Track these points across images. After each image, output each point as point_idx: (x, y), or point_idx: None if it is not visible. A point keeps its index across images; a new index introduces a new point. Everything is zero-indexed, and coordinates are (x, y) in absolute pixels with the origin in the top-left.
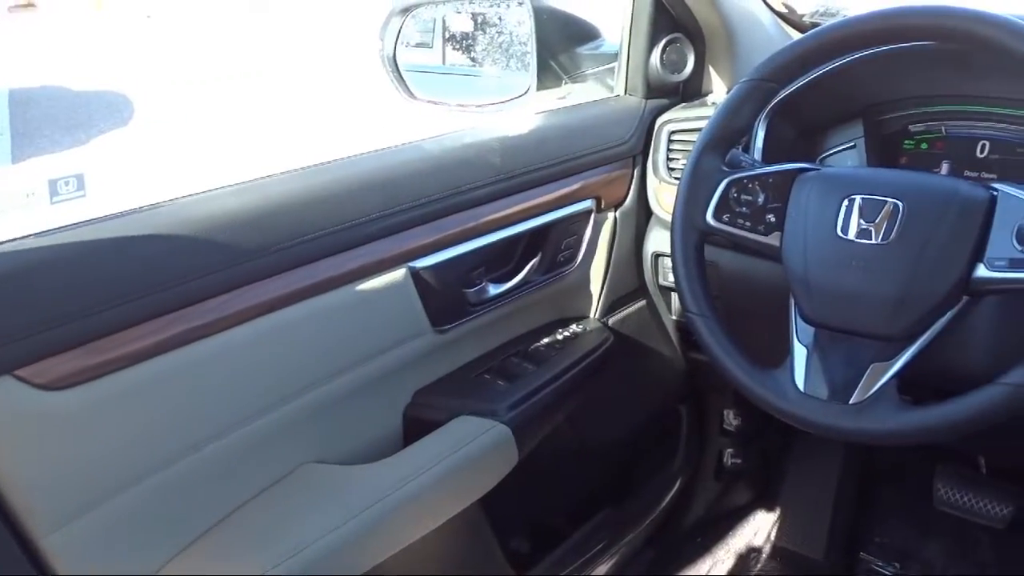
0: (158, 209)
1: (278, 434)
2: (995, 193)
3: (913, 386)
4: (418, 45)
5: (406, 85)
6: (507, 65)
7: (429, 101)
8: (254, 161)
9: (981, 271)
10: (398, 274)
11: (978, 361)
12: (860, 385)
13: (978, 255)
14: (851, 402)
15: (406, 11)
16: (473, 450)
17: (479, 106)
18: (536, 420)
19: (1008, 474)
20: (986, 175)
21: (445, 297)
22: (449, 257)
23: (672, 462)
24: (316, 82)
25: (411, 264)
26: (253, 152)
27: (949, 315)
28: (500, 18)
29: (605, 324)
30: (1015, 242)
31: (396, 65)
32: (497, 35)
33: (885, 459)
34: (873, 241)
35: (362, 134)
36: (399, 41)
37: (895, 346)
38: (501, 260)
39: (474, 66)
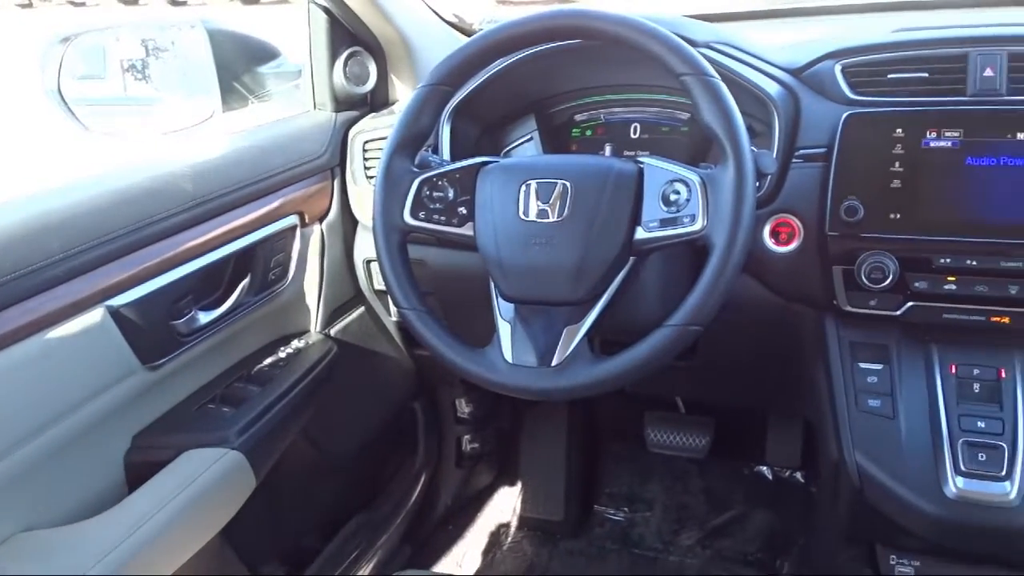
0: None
1: None
2: (642, 166)
3: (608, 343)
4: (87, 75)
5: (77, 118)
6: (188, 90)
7: (106, 133)
8: None
9: (640, 233)
10: (95, 315)
11: (652, 311)
12: (559, 348)
13: (636, 220)
14: (553, 364)
15: (66, 40)
16: (206, 482)
17: (163, 133)
18: (269, 441)
19: (701, 408)
20: (640, 152)
21: (152, 332)
22: (150, 291)
23: (414, 458)
24: None
25: (108, 303)
26: None
27: (622, 275)
28: (173, 43)
29: (327, 335)
30: (661, 205)
31: (63, 97)
32: (173, 60)
33: (605, 417)
34: (550, 219)
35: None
36: (62, 72)
37: (582, 309)
38: (209, 287)
39: (154, 93)
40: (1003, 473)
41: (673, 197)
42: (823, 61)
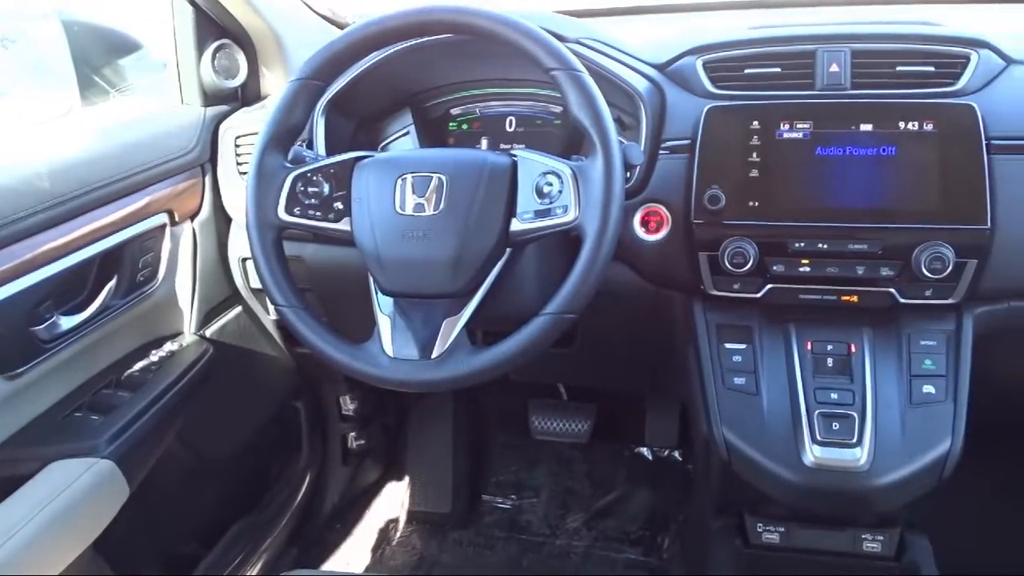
0: None
1: None
2: (515, 159)
3: (489, 334)
4: None
5: None
6: (43, 83)
7: None
8: None
9: (515, 225)
10: None
11: (530, 301)
12: (438, 340)
13: (511, 212)
14: (433, 356)
15: None
16: (75, 493)
17: (17, 129)
18: (142, 448)
19: (582, 394)
20: (516, 146)
21: (9, 339)
22: (6, 295)
23: (299, 457)
24: None
25: None
26: None
27: (499, 266)
28: (24, 33)
29: (203, 336)
30: (535, 196)
31: None
32: (25, 51)
33: (491, 407)
34: (427, 213)
35: None
36: None
37: (461, 301)
38: (72, 290)
39: (3, 86)
40: (854, 440)
41: (546, 189)
42: (686, 57)
